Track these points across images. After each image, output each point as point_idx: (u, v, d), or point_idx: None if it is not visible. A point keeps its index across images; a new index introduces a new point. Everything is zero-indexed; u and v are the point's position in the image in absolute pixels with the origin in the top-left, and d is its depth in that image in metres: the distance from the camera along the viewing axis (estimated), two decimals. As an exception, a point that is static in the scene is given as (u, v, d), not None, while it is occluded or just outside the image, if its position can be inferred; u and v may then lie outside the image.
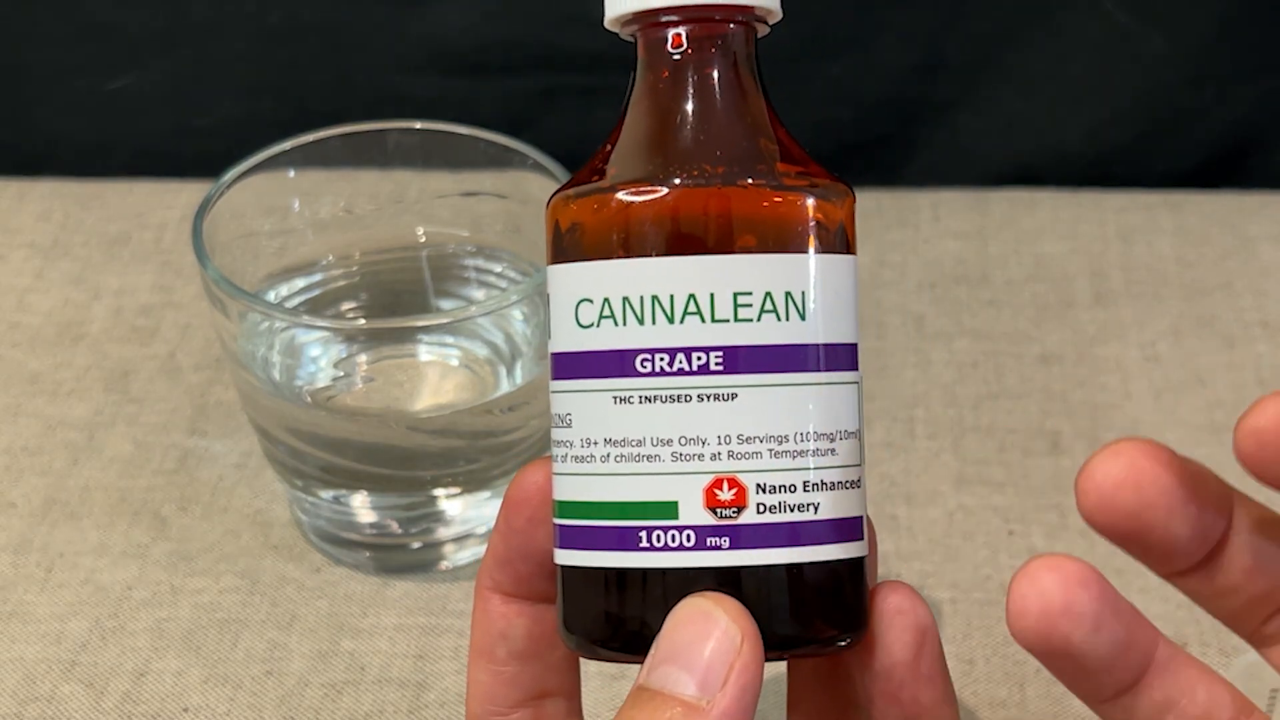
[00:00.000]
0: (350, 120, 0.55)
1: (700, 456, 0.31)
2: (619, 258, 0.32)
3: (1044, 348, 0.63)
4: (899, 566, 0.53)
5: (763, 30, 0.34)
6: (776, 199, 0.32)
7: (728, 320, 0.31)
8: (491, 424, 0.51)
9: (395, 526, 0.53)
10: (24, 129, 0.74)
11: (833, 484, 0.32)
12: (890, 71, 0.72)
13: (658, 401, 0.31)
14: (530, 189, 0.54)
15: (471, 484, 0.52)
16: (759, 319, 0.31)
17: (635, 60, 0.34)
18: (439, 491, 0.52)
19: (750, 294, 0.31)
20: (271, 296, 0.54)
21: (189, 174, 0.71)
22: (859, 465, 0.33)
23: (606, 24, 0.34)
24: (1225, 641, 0.50)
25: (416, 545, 0.53)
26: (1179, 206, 0.70)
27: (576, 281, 0.32)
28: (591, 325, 0.32)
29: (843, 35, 0.70)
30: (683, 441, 0.31)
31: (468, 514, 0.53)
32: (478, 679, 0.36)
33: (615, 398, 0.32)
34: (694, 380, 0.31)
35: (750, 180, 0.32)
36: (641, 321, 0.31)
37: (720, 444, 0.31)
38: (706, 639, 0.30)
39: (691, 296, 0.31)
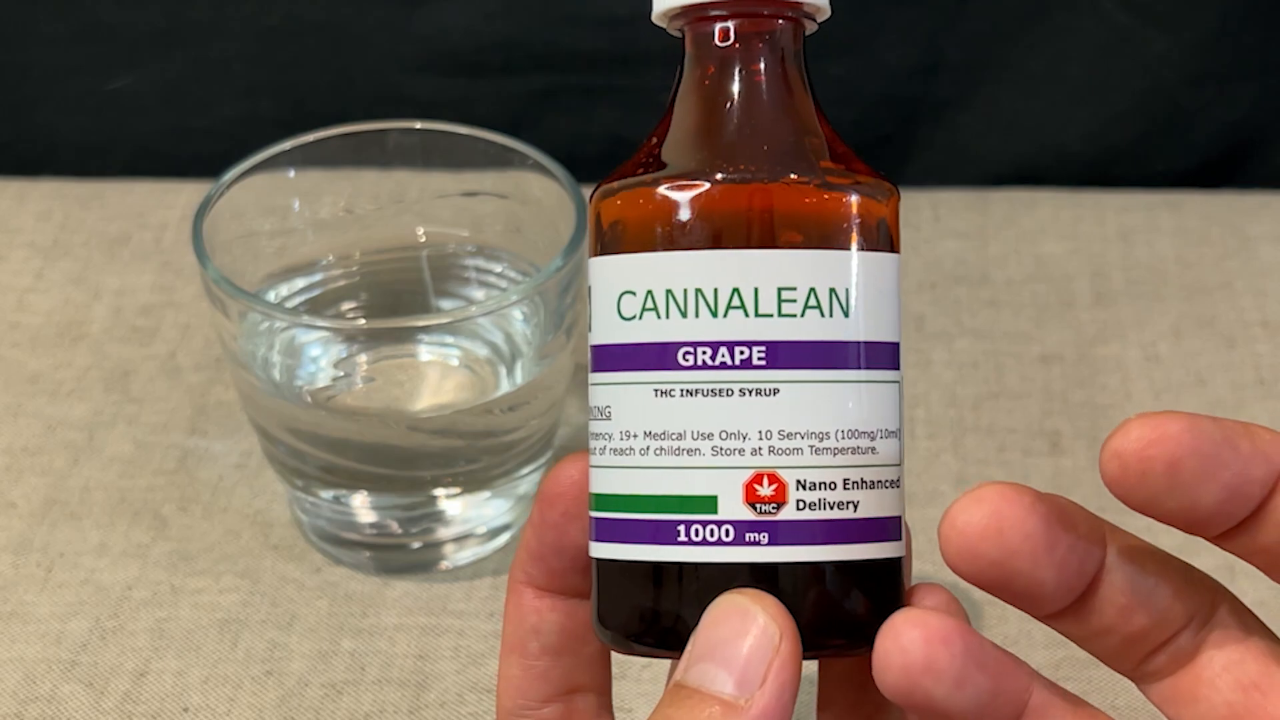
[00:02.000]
0: (350, 120, 0.55)
1: (741, 451, 0.31)
2: (664, 250, 0.32)
3: (1044, 348, 0.63)
4: (899, 566, 0.53)
5: (810, 27, 0.34)
6: (821, 195, 0.32)
7: (771, 315, 0.31)
8: (491, 424, 0.51)
9: (395, 526, 0.53)
10: (24, 129, 0.74)
11: (872, 483, 0.32)
12: (890, 71, 0.72)
13: (699, 395, 0.31)
14: (530, 189, 0.54)
15: (471, 484, 0.52)
16: (803, 314, 0.31)
17: (682, 55, 0.34)
18: (439, 491, 0.52)
19: (794, 289, 0.31)
20: (271, 296, 0.54)
21: (189, 174, 0.71)
22: (898, 465, 0.32)
23: (654, 19, 0.34)
24: (1225, 641, 0.50)
25: (416, 545, 0.53)
26: (1179, 206, 0.70)
27: (619, 273, 0.32)
28: (634, 318, 0.32)
29: (843, 35, 0.70)
30: (724, 436, 0.31)
31: (468, 514, 0.53)
32: (509, 674, 0.36)
33: (656, 390, 0.32)
34: (736, 374, 0.31)
35: (796, 176, 0.32)
36: (685, 314, 0.31)
37: (761, 439, 0.31)
38: (744, 636, 0.30)
39: (736, 290, 0.31)
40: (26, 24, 0.72)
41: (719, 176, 0.32)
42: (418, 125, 0.55)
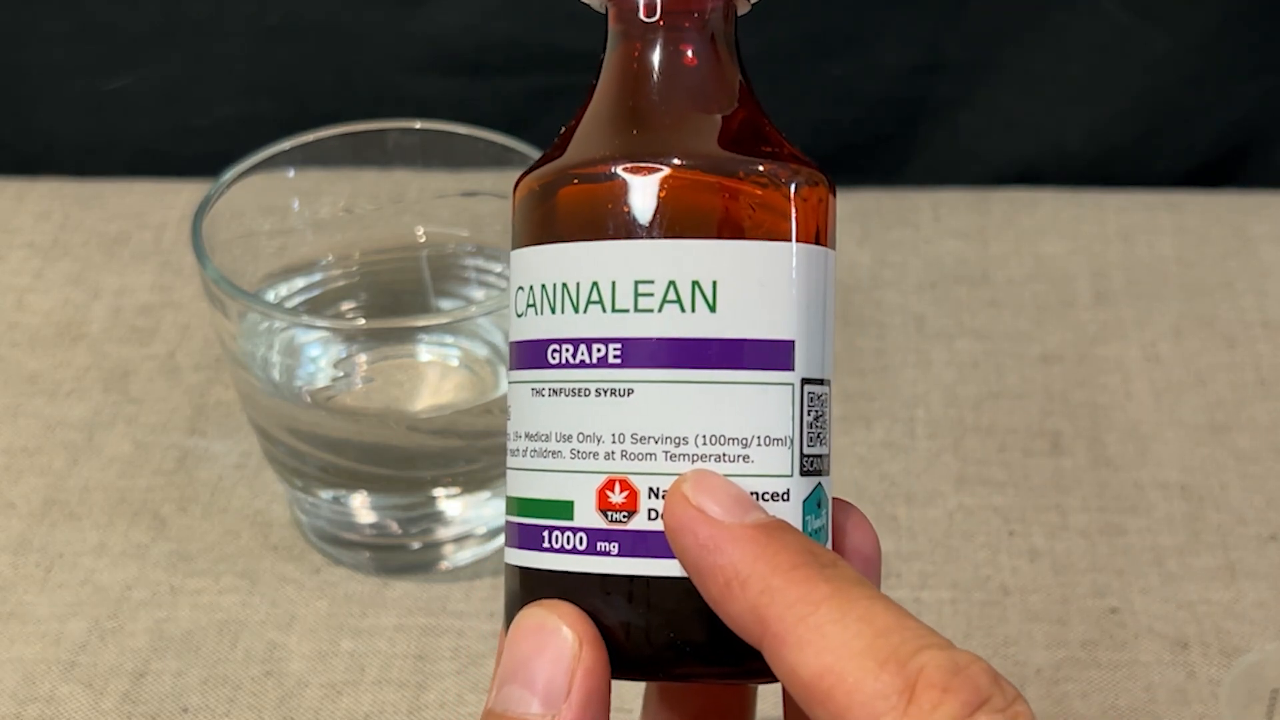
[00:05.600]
0: (350, 120, 0.55)
1: (595, 455, 0.29)
2: (537, 244, 0.30)
3: (1044, 348, 0.63)
4: (899, 566, 0.53)
5: (743, 7, 0.32)
6: (683, 181, 0.29)
7: (627, 310, 0.29)
8: (491, 424, 0.51)
9: (395, 526, 0.53)
10: (23, 129, 0.74)
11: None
12: (891, 71, 0.72)
13: (562, 395, 0.30)
14: (530, 189, 0.54)
15: (471, 484, 0.52)
16: (660, 309, 0.29)
17: (604, 35, 0.32)
18: (439, 491, 0.52)
19: (652, 282, 0.29)
20: (271, 296, 0.54)
21: (189, 174, 0.71)
22: (788, 477, 0.30)
23: None
24: (1226, 642, 0.50)
25: (416, 545, 0.53)
26: (1180, 206, 0.70)
27: (515, 270, 0.31)
28: (522, 315, 0.31)
29: (843, 35, 0.70)
30: (581, 438, 0.29)
31: (467, 514, 0.53)
32: None
33: (532, 390, 0.30)
34: (593, 373, 0.29)
35: (671, 161, 0.30)
36: (554, 310, 0.30)
37: (614, 443, 0.29)
38: (544, 651, 0.29)
39: (595, 284, 0.29)
40: (26, 24, 0.72)
41: (589, 166, 0.30)
42: (417, 125, 0.55)
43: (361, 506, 0.53)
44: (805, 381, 0.30)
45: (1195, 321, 0.64)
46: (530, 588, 0.30)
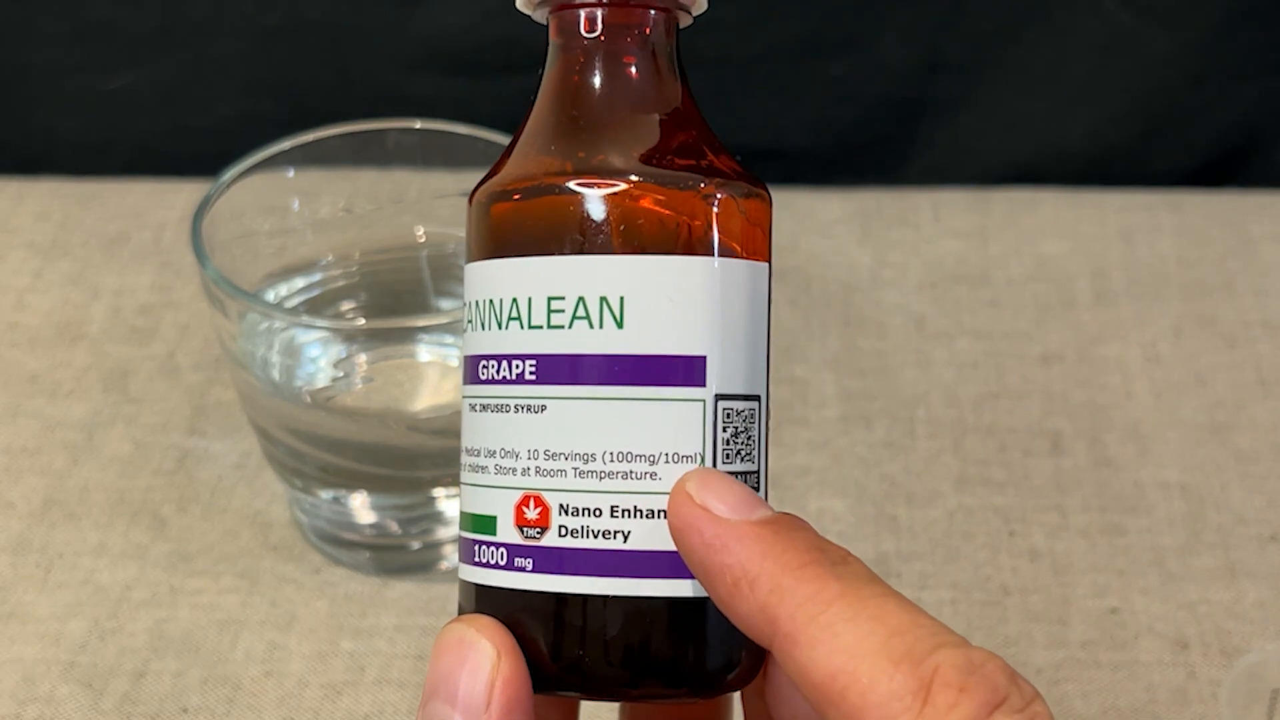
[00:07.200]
0: (350, 120, 0.55)
1: (513, 471, 0.30)
2: (478, 260, 0.31)
3: (1045, 348, 0.63)
4: (899, 566, 0.53)
5: (685, 20, 0.32)
6: (599, 197, 0.29)
7: (541, 326, 0.29)
8: (491, 424, 0.51)
9: (395, 527, 0.53)
10: (23, 128, 0.74)
11: (650, 512, 0.29)
12: (891, 71, 0.72)
13: (489, 410, 0.30)
14: (530, 189, 0.54)
15: (471, 484, 0.52)
16: (570, 326, 0.29)
17: (545, 46, 0.32)
18: (439, 491, 0.52)
19: (563, 299, 0.29)
20: (271, 296, 0.54)
21: (188, 174, 0.71)
22: None
23: (518, 6, 0.33)
24: (1226, 642, 0.50)
25: (416, 545, 0.53)
26: (1180, 206, 0.70)
27: (465, 285, 0.31)
28: (466, 330, 0.31)
29: (843, 35, 0.70)
30: (502, 454, 0.30)
31: (467, 514, 0.53)
32: None
33: (469, 405, 0.31)
34: (512, 389, 0.30)
35: (583, 179, 0.29)
36: (484, 326, 0.30)
37: (530, 459, 0.29)
38: (462, 665, 0.29)
39: (514, 301, 0.30)
40: (26, 24, 0.72)
41: (514, 185, 0.30)
42: (417, 125, 0.55)
43: (361, 506, 0.52)
44: (721, 397, 0.29)
45: (1195, 321, 0.64)
46: (466, 600, 0.31)
